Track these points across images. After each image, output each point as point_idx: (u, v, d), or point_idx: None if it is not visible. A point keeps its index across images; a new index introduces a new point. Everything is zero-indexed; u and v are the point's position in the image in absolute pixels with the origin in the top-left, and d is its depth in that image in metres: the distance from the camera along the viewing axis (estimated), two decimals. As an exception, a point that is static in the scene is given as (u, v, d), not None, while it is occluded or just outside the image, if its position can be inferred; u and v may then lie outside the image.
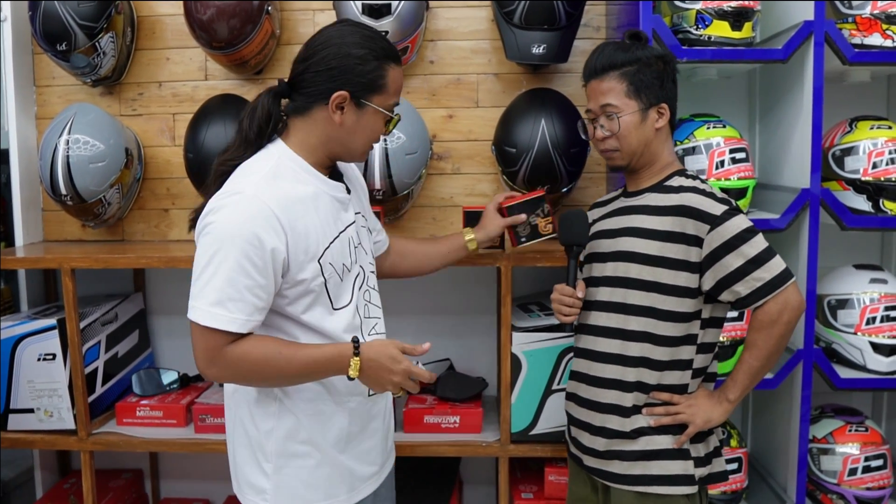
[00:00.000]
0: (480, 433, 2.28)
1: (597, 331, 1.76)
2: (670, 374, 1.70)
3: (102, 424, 2.36)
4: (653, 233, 1.68)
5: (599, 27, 2.50)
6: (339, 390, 1.57)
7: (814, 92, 2.05)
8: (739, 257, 1.62)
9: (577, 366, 1.83)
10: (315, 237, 1.50)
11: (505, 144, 2.30)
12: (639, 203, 1.75)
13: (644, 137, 1.73)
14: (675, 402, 1.70)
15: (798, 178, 2.12)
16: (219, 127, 2.32)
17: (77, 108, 2.38)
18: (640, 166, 1.76)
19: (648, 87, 1.70)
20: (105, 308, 2.44)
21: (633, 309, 1.70)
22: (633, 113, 1.70)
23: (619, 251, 1.73)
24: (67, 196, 2.32)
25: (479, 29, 2.53)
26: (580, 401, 1.80)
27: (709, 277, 1.65)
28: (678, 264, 1.66)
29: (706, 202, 1.66)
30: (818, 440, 2.23)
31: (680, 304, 1.67)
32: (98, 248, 2.48)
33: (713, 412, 1.70)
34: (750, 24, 2.10)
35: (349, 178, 1.68)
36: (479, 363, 2.58)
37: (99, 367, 2.38)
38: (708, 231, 1.63)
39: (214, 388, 2.47)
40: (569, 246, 1.78)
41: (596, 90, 1.73)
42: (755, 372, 1.69)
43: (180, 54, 2.59)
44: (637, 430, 1.70)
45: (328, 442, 1.58)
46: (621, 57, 1.70)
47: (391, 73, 1.51)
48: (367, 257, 1.67)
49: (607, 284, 1.75)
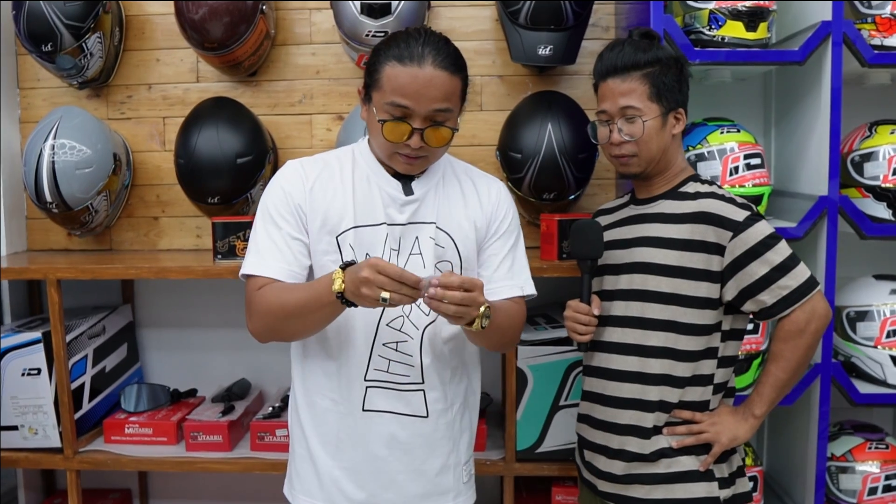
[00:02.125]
0: (484, 451, 2.26)
1: (612, 347, 1.73)
2: (692, 390, 1.68)
3: (89, 442, 2.35)
4: (670, 242, 1.67)
5: (608, 27, 2.50)
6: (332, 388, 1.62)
7: (832, 95, 2.05)
8: (764, 265, 1.60)
9: (591, 385, 1.80)
10: (339, 210, 1.56)
11: (510, 150, 2.29)
12: (652, 211, 1.74)
13: (663, 144, 1.71)
14: (697, 421, 1.68)
15: (815, 185, 2.12)
16: (211, 131, 2.32)
17: (63, 111, 2.38)
18: (654, 173, 1.74)
19: (669, 90, 1.69)
20: (92, 321, 2.43)
21: (652, 323, 1.67)
22: (656, 117, 1.68)
23: (634, 262, 1.71)
24: (53, 203, 2.31)
25: (482, 29, 2.53)
26: (595, 422, 1.77)
27: (731, 287, 1.63)
28: (698, 274, 1.64)
29: (727, 208, 1.64)
30: (837, 458, 2.22)
31: (700, 316, 1.65)
32: (85, 257, 2.47)
33: (739, 429, 1.67)
34: (765, 24, 2.09)
35: (444, 193, 1.62)
36: (483, 378, 2.45)
37: (86, 383, 2.37)
38: (730, 238, 1.62)
39: (206, 404, 2.46)
40: (582, 259, 1.75)
41: (615, 90, 1.69)
42: (782, 385, 1.67)
43: (171, 55, 2.59)
44: (658, 451, 1.68)
45: (316, 438, 1.64)
46: (644, 57, 1.67)
47: (388, 69, 1.48)
48: (422, 272, 1.56)
49: (622, 298, 1.72)
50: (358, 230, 1.56)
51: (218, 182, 2.33)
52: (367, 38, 2.24)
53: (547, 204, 2.31)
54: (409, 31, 1.52)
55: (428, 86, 1.46)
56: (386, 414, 1.60)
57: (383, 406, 1.60)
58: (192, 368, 2.65)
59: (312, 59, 2.57)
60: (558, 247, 2.20)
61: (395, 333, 1.58)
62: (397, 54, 1.48)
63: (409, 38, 1.50)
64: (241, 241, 2.25)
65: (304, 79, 2.58)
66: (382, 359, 1.58)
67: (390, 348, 1.58)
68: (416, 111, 1.48)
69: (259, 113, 2.53)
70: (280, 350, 2.48)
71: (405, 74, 1.47)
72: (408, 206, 1.59)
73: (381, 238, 1.57)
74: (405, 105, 1.47)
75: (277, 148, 2.57)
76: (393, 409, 1.60)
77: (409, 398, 1.60)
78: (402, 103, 1.47)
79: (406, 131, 1.49)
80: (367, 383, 1.59)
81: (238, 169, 2.33)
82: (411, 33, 1.51)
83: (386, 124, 1.49)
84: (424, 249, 1.59)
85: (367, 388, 1.59)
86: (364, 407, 1.60)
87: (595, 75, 1.76)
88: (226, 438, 2.28)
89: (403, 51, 1.48)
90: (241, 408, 2.42)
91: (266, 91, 2.59)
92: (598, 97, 1.76)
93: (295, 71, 2.58)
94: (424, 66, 1.46)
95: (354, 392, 1.59)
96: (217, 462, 2.26)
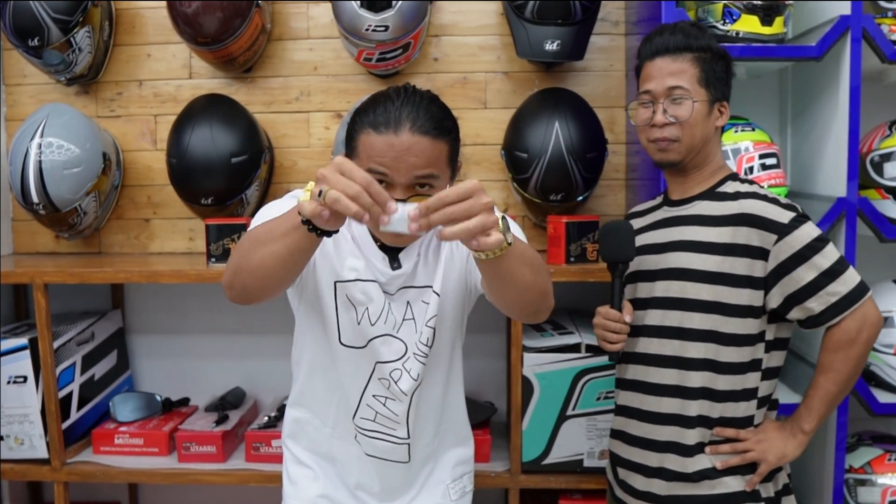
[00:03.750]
0: (489, 462, 2.26)
1: (649, 359, 1.70)
2: (734, 405, 1.64)
3: (78, 453, 2.34)
4: (710, 246, 1.63)
5: (618, 22, 2.50)
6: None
7: (850, 92, 2.03)
8: (812, 270, 1.57)
9: (626, 399, 1.76)
10: (339, 259, 1.52)
11: (515, 149, 2.29)
12: (689, 213, 1.70)
13: (706, 133, 1.67)
14: (741, 439, 1.64)
15: (833, 186, 2.10)
16: (204, 129, 2.31)
17: (50, 108, 2.37)
18: (691, 166, 1.71)
19: (718, 80, 1.67)
20: (80, 326, 2.42)
21: (691, 334, 1.64)
22: (703, 102, 1.65)
23: (670, 268, 1.67)
24: (40, 205, 2.31)
25: (487, 24, 2.52)
26: (630, 439, 1.74)
27: (776, 293, 1.60)
28: (740, 280, 1.60)
29: (771, 209, 1.61)
30: (855, 470, 2.21)
31: (743, 325, 1.61)
32: (73, 261, 2.47)
33: (787, 447, 1.64)
34: (781, 18, 2.08)
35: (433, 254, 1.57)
36: (487, 386, 2.56)
37: (74, 391, 2.36)
38: (775, 241, 1.59)
39: (199, 413, 2.46)
40: (613, 263, 1.71)
41: (663, 70, 1.66)
42: (833, 398, 1.63)
43: (162, 50, 2.58)
44: (700, 472, 1.64)
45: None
46: (696, 42, 1.66)
47: (364, 137, 1.40)
48: (414, 335, 1.55)
49: (659, 306, 1.69)
50: (352, 283, 1.52)
51: (211, 182, 2.32)
52: (368, 32, 2.24)
53: (554, 205, 2.31)
54: (389, 93, 1.43)
55: (406, 153, 1.36)
56: (371, 457, 1.63)
57: (369, 450, 1.63)
58: (185, 376, 2.64)
59: (310, 54, 2.57)
60: (566, 250, 2.18)
61: (384, 390, 1.58)
62: (372, 121, 1.39)
63: (387, 100, 1.41)
64: (235, 244, 2.24)
65: (301, 75, 2.57)
66: (370, 409, 1.59)
67: (379, 401, 1.58)
68: (396, 180, 1.38)
69: (254, 111, 2.52)
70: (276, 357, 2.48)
71: (381, 143, 1.37)
72: (396, 280, 1.55)
73: (378, 295, 1.54)
74: (384, 173, 1.38)
75: (273, 147, 2.56)
76: (377, 455, 1.63)
77: (393, 448, 1.62)
78: (380, 170, 1.37)
79: None
80: (355, 424, 1.61)
81: (232, 169, 2.32)
82: (390, 95, 1.42)
83: None
84: (417, 313, 1.56)
85: (356, 429, 1.62)
86: (355, 438, 1.63)
87: (641, 56, 1.72)
88: (219, 449, 2.28)
89: (379, 116, 1.39)
90: (235, 417, 2.41)
91: (262, 88, 2.58)
92: (640, 79, 1.73)
93: (292, 67, 2.57)
94: (401, 132, 1.37)
95: (345, 425, 1.62)
96: (210, 474, 2.25)
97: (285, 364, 1.72)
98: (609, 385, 2.14)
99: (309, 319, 1.57)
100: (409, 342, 1.55)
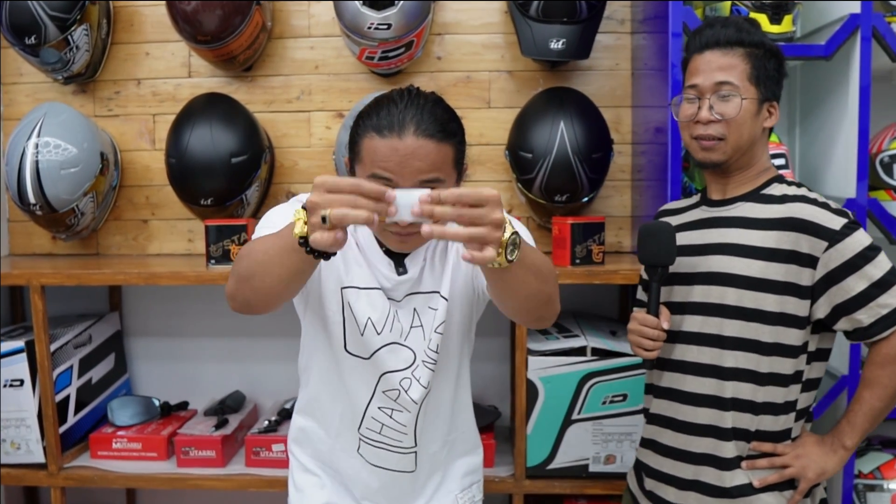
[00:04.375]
0: (493, 468, 2.25)
1: (685, 367, 1.65)
2: (773, 418, 1.59)
3: (75, 458, 2.34)
4: (754, 250, 1.57)
5: (624, 20, 2.50)
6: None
7: (860, 92, 2.02)
8: (863, 280, 1.52)
9: (659, 408, 1.71)
10: (345, 266, 1.50)
11: (520, 149, 2.29)
12: (731, 214, 1.65)
13: (754, 133, 1.62)
14: (779, 453, 1.60)
15: (842, 187, 2.09)
16: (204, 129, 2.31)
17: (47, 107, 2.37)
18: (736, 168, 1.65)
19: (769, 78, 1.61)
20: (78, 329, 2.42)
21: (730, 342, 1.58)
22: (753, 100, 1.59)
23: (710, 272, 1.62)
24: (36, 205, 2.30)
25: (491, 22, 2.52)
26: (663, 449, 1.69)
27: (823, 303, 1.55)
28: (786, 288, 1.55)
29: (822, 214, 1.55)
30: (864, 475, 2.19)
31: (786, 335, 1.56)
32: (70, 262, 2.46)
33: (827, 463, 1.59)
34: (790, 17, 2.08)
35: (440, 259, 1.55)
36: (491, 390, 2.55)
37: (71, 395, 2.35)
38: (825, 249, 1.53)
39: (198, 417, 2.45)
40: (652, 266, 1.65)
41: (712, 64, 1.60)
42: (877, 413, 1.58)
43: (161, 49, 2.58)
44: (736, 488, 1.60)
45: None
46: (748, 37, 1.60)
47: (367, 141, 1.39)
48: (422, 343, 1.54)
49: (697, 312, 1.64)
50: (359, 292, 1.51)
51: (211, 183, 2.32)
52: (370, 30, 2.23)
53: (559, 206, 2.31)
54: (392, 95, 1.42)
55: (411, 157, 1.35)
56: (376, 467, 1.62)
57: (374, 461, 1.61)
58: (184, 380, 2.64)
59: (311, 53, 2.56)
60: (571, 252, 2.18)
61: (390, 402, 1.56)
62: (375, 124, 1.38)
63: (391, 103, 1.40)
64: (235, 246, 2.24)
65: (302, 74, 2.57)
66: (376, 421, 1.58)
67: (385, 413, 1.57)
68: (400, 185, 1.35)
69: (254, 110, 2.52)
70: (276, 361, 2.48)
71: (384, 147, 1.36)
72: (402, 286, 1.53)
73: (383, 303, 1.53)
74: (388, 178, 1.36)
75: (274, 147, 2.56)
76: (382, 465, 1.61)
77: (399, 459, 1.61)
78: (384, 175, 1.36)
79: None
80: (359, 434, 1.60)
81: (232, 169, 2.32)
82: (393, 97, 1.41)
83: None
84: (424, 319, 1.54)
85: (360, 440, 1.60)
86: (358, 450, 1.62)
87: (689, 49, 1.68)
88: (219, 454, 2.27)
89: (382, 119, 1.38)
90: (235, 421, 2.40)
91: (262, 87, 2.58)
92: (686, 73, 1.67)
93: (292, 66, 2.57)
94: (405, 136, 1.35)
95: (348, 436, 1.61)
96: (210, 479, 2.25)
97: (286, 367, 1.71)
98: (615, 389, 2.13)
99: (314, 326, 1.56)
100: (417, 350, 1.53)
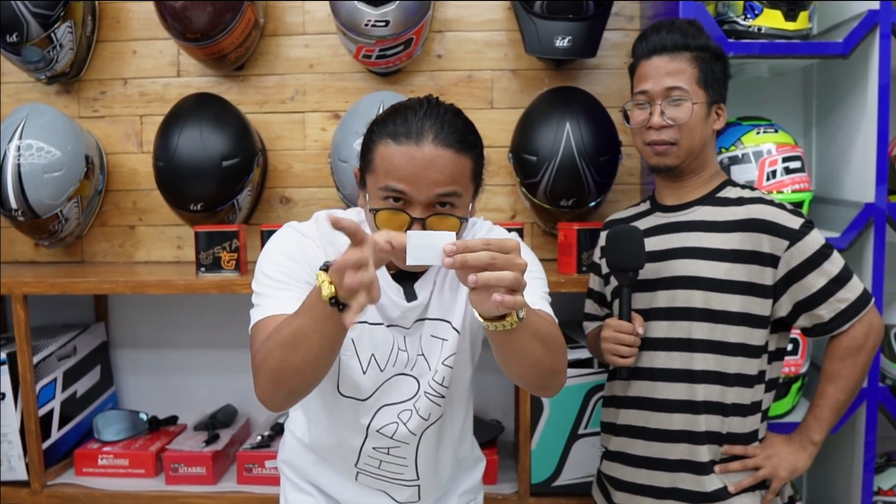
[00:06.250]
0: (496, 484, 2.25)
1: (654, 374, 1.70)
2: (741, 420, 1.66)
3: (59, 475, 2.34)
4: (718, 252, 1.64)
5: (632, 17, 2.50)
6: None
7: (879, 92, 2.04)
8: (822, 276, 1.60)
9: (627, 418, 1.75)
10: None
11: (524, 152, 2.28)
12: (690, 218, 1.72)
13: (705, 136, 1.70)
14: (750, 455, 1.66)
15: (861, 191, 2.11)
16: (194, 131, 2.31)
17: (29, 109, 2.37)
18: (689, 171, 1.72)
19: (716, 81, 1.69)
20: (62, 340, 2.41)
21: (699, 345, 1.65)
22: (702, 104, 1.68)
23: (674, 276, 1.68)
24: (18, 211, 2.31)
25: (494, 18, 2.52)
26: (635, 460, 1.73)
27: (785, 301, 1.62)
28: (750, 288, 1.62)
29: (781, 215, 1.63)
30: (884, 492, 2.21)
31: (750, 335, 1.63)
32: (54, 270, 2.46)
33: (798, 460, 1.67)
34: (806, 13, 2.08)
35: (450, 285, 1.51)
36: (494, 403, 2.54)
37: (55, 409, 2.35)
38: (786, 248, 1.61)
39: (188, 432, 2.44)
40: (622, 271, 1.71)
41: (660, 69, 1.67)
42: (841, 406, 1.66)
43: (149, 47, 2.58)
44: (716, 491, 1.65)
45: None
46: (694, 41, 1.68)
47: (382, 148, 1.37)
48: (427, 373, 1.51)
49: (664, 317, 1.69)
50: (363, 326, 1.47)
51: (201, 187, 2.32)
52: (367, 27, 2.23)
53: (565, 211, 2.30)
54: (410, 103, 1.40)
55: (428, 168, 1.33)
56: (376, 492, 1.61)
57: (375, 486, 1.60)
58: (173, 393, 2.63)
59: (305, 51, 2.56)
60: (577, 258, 2.17)
61: (386, 440, 1.53)
62: (392, 131, 1.36)
63: (408, 110, 1.38)
64: (226, 253, 2.23)
65: (296, 73, 2.57)
66: (373, 458, 1.56)
67: (381, 452, 1.55)
68: (415, 198, 1.34)
69: (246, 111, 2.52)
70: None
71: (400, 155, 1.34)
72: (411, 313, 1.50)
73: (389, 338, 1.50)
74: (402, 190, 1.34)
75: (267, 149, 2.56)
76: (385, 490, 1.61)
77: (400, 490, 1.60)
78: (398, 188, 1.34)
79: (404, 222, 1.35)
80: (357, 468, 1.58)
81: (223, 172, 2.31)
82: (412, 105, 1.39)
83: (380, 214, 1.36)
84: (427, 350, 1.51)
85: (357, 473, 1.59)
86: (356, 479, 1.61)
87: (636, 54, 1.74)
88: (210, 471, 2.27)
89: (399, 126, 1.36)
90: (226, 437, 2.40)
91: (254, 86, 2.58)
92: (635, 79, 1.75)
93: (286, 64, 2.57)
94: (423, 144, 1.33)
95: (344, 469, 1.60)
96: (200, 497, 2.24)
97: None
98: (624, 402, 2.12)
99: None
100: (421, 380, 1.51)
